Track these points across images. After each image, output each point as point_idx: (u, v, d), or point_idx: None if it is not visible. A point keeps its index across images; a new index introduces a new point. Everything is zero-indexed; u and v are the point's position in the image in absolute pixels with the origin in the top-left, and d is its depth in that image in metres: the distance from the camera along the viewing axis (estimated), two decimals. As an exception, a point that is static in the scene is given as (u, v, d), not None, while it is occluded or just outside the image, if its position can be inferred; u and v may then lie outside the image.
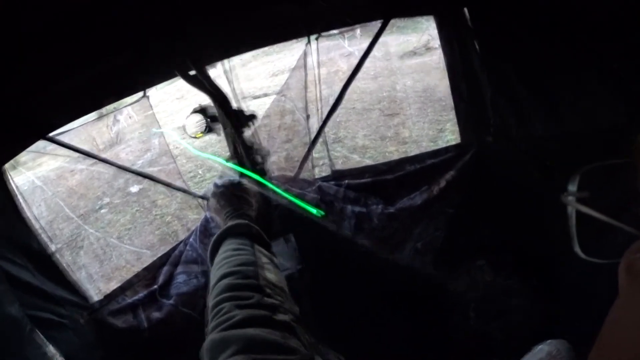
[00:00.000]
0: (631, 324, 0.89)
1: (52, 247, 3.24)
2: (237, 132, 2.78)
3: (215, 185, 2.63)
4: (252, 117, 2.85)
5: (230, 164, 2.86)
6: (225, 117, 2.82)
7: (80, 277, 3.53)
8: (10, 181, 2.99)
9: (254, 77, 16.89)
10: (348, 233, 3.85)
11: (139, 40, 2.36)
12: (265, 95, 12.49)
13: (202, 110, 2.99)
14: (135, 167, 3.89)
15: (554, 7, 2.54)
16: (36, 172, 10.50)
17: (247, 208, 2.43)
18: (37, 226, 3.14)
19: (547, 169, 3.05)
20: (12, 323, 2.55)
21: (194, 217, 8.23)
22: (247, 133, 2.85)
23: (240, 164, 2.93)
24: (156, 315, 3.51)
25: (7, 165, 2.90)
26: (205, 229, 3.85)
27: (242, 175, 2.78)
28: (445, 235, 3.86)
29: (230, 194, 2.53)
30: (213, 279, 1.75)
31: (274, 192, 3.26)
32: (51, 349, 2.72)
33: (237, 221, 2.13)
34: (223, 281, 1.67)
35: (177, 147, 11.91)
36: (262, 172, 2.94)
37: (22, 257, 2.93)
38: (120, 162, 3.88)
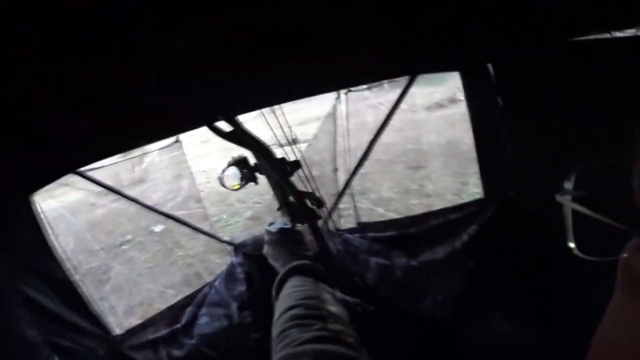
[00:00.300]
0: (628, 322, 0.90)
1: (76, 277, 3.26)
2: (285, 180, 2.79)
3: (269, 232, 2.69)
4: (297, 164, 2.85)
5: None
6: (270, 166, 2.82)
7: (102, 309, 3.48)
8: (38, 209, 3.01)
9: (282, 124, 16.55)
10: (371, 284, 3.84)
11: (174, 87, 2.36)
12: (294, 142, 12.27)
13: (239, 162, 2.99)
14: (164, 209, 3.90)
15: (576, 65, 2.58)
16: (60, 201, 10.52)
17: (304, 250, 2.49)
18: (61, 255, 3.16)
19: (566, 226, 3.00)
20: (30, 347, 2.59)
21: (218, 261, 8.24)
22: (294, 180, 2.87)
23: (292, 211, 2.97)
24: (177, 353, 3.54)
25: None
26: (230, 273, 3.91)
27: (294, 220, 2.84)
28: (465, 287, 3.83)
29: (285, 240, 2.58)
30: (277, 312, 1.81)
31: (328, 233, 3.46)
32: None
33: (298, 262, 2.19)
34: (288, 313, 1.71)
35: (201, 190, 12.09)
36: (315, 216, 2.97)
37: (44, 284, 2.95)
38: (146, 202, 3.87)
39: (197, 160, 15.78)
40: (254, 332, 3.72)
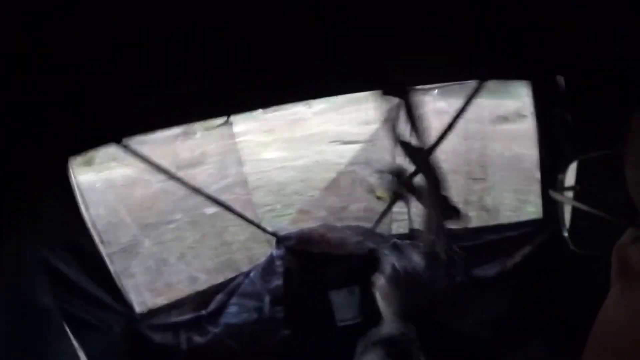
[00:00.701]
0: (621, 310, 0.91)
1: (104, 251, 3.25)
2: (441, 227, 2.69)
3: (395, 269, 2.55)
4: (457, 212, 2.73)
5: None
6: (433, 206, 2.73)
7: (127, 285, 3.45)
8: (73, 177, 2.98)
9: (346, 122, 16.77)
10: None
11: (225, 66, 2.34)
12: (356, 142, 12.18)
13: (397, 173, 2.80)
14: (208, 191, 3.77)
15: None
16: (103, 175, 10.50)
17: (414, 309, 2.33)
18: (92, 227, 3.16)
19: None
20: (41, 312, 2.51)
21: (260, 251, 7.87)
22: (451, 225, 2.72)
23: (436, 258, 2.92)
24: (198, 340, 3.43)
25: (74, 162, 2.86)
26: (269, 266, 3.79)
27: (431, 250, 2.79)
28: (511, 310, 3.62)
29: (407, 288, 2.43)
30: None
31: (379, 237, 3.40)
32: (76, 347, 2.73)
33: (397, 332, 2.08)
34: None
35: (260, 178, 11.98)
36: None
37: (70, 253, 2.91)
38: (195, 184, 3.85)
39: (257, 148, 15.63)
40: (284, 329, 3.59)
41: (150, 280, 7.89)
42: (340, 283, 3.69)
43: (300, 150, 14.52)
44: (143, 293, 7.07)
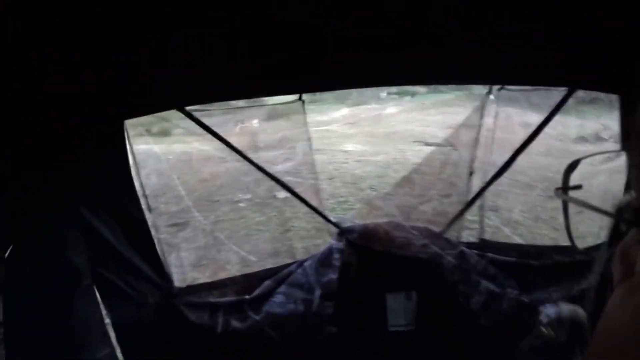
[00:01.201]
0: (628, 314, 0.86)
1: (151, 219, 3.23)
2: None
3: None
4: None
5: None
6: None
7: (169, 258, 3.38)
8: (128, 141, 2.95)
9: (430, 124, 16.51)
10: (474, 309, 3.51)
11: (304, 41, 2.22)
12: (438, 145, 12.08)
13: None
14: (279, 176, 3.63)
15: None
16: (178, 147, 10.53)
17: None
18: (142, 194, 3.18)
19: None
20: (70, 271, 2.50)
21: (320, 241, 7.74)
22: None
23: None
24: (235, 324, 3.32)
25: (143, 131, 2.76)
26: (326, 257, 3.66)
27: None
28: (568, 341, 3.32)
29: None
30: None
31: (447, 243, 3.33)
32: (101, 311, 2.70)
33: None
34: None
35: (337, 169, 11.87)
36: None
37: (113, 217, 2.88)
38: (267, 166, 3.81)
39: (339, 139, 15.50)
40: (331, 326, 3.44)
41: (199, 257, 7.82)
42: (398, 285, 3.50)
43: (381, 146, 14.23)
44: (186, 269, 6.92)
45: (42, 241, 2.35)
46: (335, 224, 3.73)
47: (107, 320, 2.79)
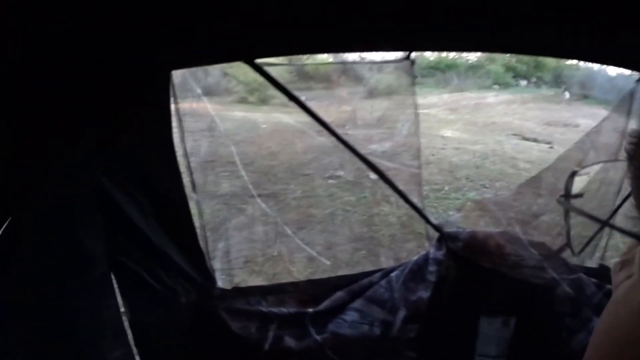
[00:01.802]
0: (630, 311, 0.82)
1: (195, 198, 2.71)
2: None
3: None
4: None
5: None
6: None
7: (213, 250, 2.89)
8: (174, 97, 2.36)
9: (529, 118, 15.95)
10: (576, 348, 2.81)
11: None
12: (535, 140, 12.35)
13: None
14: (374, 157, 2.96)
15: None
16: (274, 116, 10.17)
17: None
18: (188, 169, 2.63)
19: None
20: (82, 256, 2.08)
21: (411, 246, 7.11)
22: None
23: None
24: (289, 342, 2.70)
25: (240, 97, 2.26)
26: (419, 269, 2.94)
27: None
28: None
29: None
30: None
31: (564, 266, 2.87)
32: (118, 307, 2.28)
33: None
34: None
35: (434, 154, 11.28)
36: None
37: (144, 195, 2.35)
38: (362, 145, 3.23)
39: (438, 124, 14.87)
40: (410, 351, 2.80)
41: (249, 251, 7.09)
42: (496, 309, 2.86)
43: (480, 136, 13.77)
44: (236, 264, 6.37)
45: (48, 216, 1.92)
46: (436, 227, 3.01)
47: (124, 318, 2.35)
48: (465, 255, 2.87)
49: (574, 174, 1.10)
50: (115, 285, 2.27)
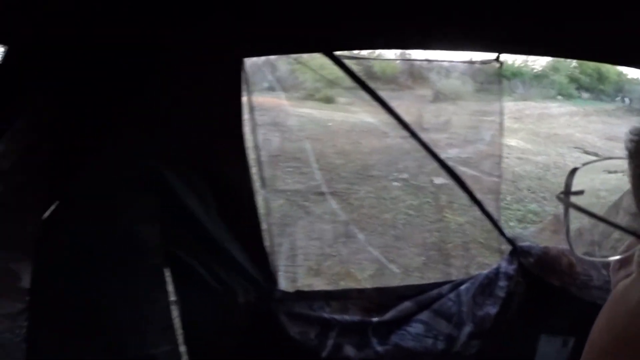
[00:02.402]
0: (629, 308, 0.78)
1: (262, 193, 2.69)
2: None
3: None
4: None
5: None
6: None
7: (279, 252, 2.92)
8: (247, 85, 2.29)
9: (591, 131, 15.31)
10: None
11: None
12: (596, 155, 11.39)
13: None
14: (445, 157, 2.84)
15: None
16: (340, 115, 10.13)
17: None
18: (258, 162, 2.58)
19: None
20: (136, 243, 2.05)
21: (481, 259, 6.61)
22: None
23: None
24: (349, 352, 2.58)
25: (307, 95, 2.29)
26: (489, 284, 2.78)
27: None
28: None
29: None
30: None
31: None
32: (168, 301, 2.21)
33: None
34: None
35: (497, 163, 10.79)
36: None
37: (209, 184, 2.29)
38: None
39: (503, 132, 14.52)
40: None
41: (317, 253, 6.79)
42: (557, 328, 2.76)
43: (543, 147, 13.41)
44: (302, 267, 6.16)
45: (100, 201, 1.90)
46: (510, 240, 2.85)
47: (174, 312, 2.29)
48: (535, 271, 2.74)
49: (574, 170, 0.96)
50: (168, 279, 2.23)
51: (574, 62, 16.90)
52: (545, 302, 2.77)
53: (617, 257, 0.88)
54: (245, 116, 2.32)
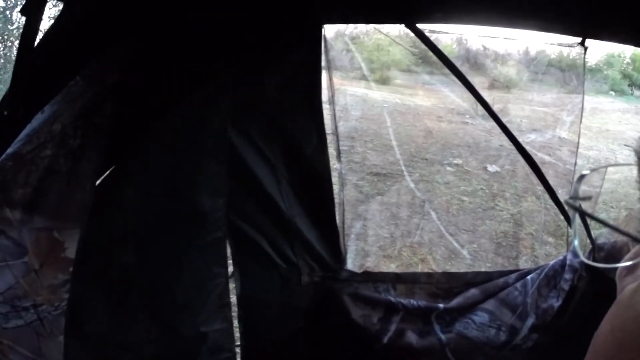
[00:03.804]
0: (629, 319, 0.75)
1: (338, 166, 2.62)
2: None
3: None
4: None
5: None
6: None
7: (350, 232, 2.53)
8: (327, 54, 2.27)
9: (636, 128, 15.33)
10: None
11: None
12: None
13: None
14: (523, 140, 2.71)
15: None
16: (395, 97, 10.22)
17: None
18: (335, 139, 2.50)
19: None
20: (198, 215, 2.00)
21: (544, 249, 6.38)
22: None
23: None
24: (411, 338, 2.50)
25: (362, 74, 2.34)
26: (554, 275, 2.64)
27: None
28: None
29: None
30: None
31: None
32: (227, 277, 2.16)
33: None
34: None
35: (550, 154, 10.75)
36: None
37: (282, 155, 2.23)
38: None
39: (557, 124, 14.38)
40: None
41: (392, 234, 6.68)
42: None
43: (594, 142, 13.18)
44: (372, 247, 6.07)
45: (163, 169, 1.89)
46: (577, 250, 2.71)
47: (233, 289, 2.30)
48: (602, 265, 2.69)
49: (582, 177, 0.90)
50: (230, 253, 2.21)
51: (627, 58, 16.46)
52: (606, 297, 2.58)
53: (625, 264, 0.83)
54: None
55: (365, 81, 11.21)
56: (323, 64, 2.15)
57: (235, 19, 1.82)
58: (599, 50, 15.28)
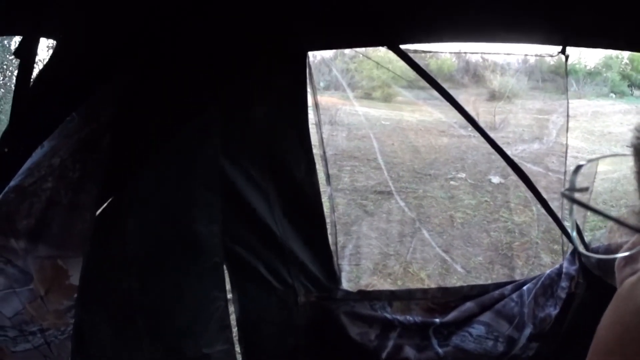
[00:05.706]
0: (629, 312, 0.76)
1: (330, 192, 2.67)
2: None
3: None
4: None
5: None
6: None
7: (344, 251, 2.54)
8: (311, 80, 2.33)
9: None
10: None
11: None
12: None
13: None
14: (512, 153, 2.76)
15: None
16: (396, 114, 10.20)
17: None
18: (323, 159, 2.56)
19: None
20: (196, 243, 2.04)
21: (526, 255, 6.54)
22: None
23: None
24: (409, 353, 2.50)
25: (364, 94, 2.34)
26: (550, 284, 2.65)
27: None
28: None
29: None
30: None
31: None
32: (226, 299, 2.19)
33: None
34: None
35: (553, 161, 10.73)
36: None
37: (272, 179, 2.28)
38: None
39: (558, 130, 14.36)
40: None
41: (385, 252, 6.62)
42: None
43: (597, 145, 13.04)
44: (364, 266, 6.01)
45: (160, 199, 1.92)
46: (574, 242, 2.68)
47: (232, 313, 2.31)
48: (597, 272, 2.59)
49: (579, 167, 0.90)
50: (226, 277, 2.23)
51: (625, 59, 16.39)
52: (605, 303, 2.58)
53: (623, 255, 0.85)
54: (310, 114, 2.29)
55: (367, 99, 11.46)
56: (326, 85, 2.22)
57: (220, 51, 1.87)
58: (597, 53, 15.26)
